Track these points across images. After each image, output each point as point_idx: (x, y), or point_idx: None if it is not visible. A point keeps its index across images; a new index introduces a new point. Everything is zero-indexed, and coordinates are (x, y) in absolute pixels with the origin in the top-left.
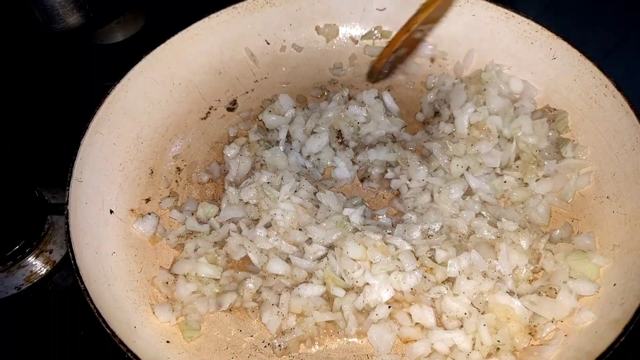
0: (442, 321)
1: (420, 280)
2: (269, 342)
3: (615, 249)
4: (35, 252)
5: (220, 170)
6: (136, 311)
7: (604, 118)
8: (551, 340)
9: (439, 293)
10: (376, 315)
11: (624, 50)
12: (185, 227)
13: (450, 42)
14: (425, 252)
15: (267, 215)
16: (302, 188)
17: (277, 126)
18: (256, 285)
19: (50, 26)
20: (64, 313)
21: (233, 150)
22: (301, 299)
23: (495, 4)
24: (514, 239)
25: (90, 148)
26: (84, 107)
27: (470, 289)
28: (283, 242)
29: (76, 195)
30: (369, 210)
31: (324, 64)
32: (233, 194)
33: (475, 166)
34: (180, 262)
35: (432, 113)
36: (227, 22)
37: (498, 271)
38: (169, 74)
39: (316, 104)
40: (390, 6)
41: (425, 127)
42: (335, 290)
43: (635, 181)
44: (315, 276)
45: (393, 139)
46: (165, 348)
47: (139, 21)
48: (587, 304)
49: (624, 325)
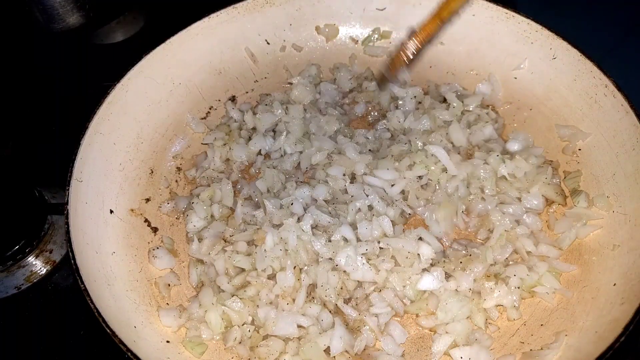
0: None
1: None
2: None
3: (615, 249)
4: (35, 252)
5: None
6: (136, 311)
7: (604, 118)
8: (552, 343)
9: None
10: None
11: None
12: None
13: (450, 42)
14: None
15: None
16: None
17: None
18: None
19: (50, 26)
20: (64, 313)
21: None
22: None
23: (495, 4)
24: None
25: (90, 148)
26: (84, 107)
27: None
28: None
29: (76, 195)
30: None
31: (324, 63)
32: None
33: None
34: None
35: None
36: (227, 22)
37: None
38: (169, 74)
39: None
40: (390, 6)
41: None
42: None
43: (635, 181)
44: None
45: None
46: (165, 348)
47: (139, 21)
48: (587, 304)
49: (624, 325)
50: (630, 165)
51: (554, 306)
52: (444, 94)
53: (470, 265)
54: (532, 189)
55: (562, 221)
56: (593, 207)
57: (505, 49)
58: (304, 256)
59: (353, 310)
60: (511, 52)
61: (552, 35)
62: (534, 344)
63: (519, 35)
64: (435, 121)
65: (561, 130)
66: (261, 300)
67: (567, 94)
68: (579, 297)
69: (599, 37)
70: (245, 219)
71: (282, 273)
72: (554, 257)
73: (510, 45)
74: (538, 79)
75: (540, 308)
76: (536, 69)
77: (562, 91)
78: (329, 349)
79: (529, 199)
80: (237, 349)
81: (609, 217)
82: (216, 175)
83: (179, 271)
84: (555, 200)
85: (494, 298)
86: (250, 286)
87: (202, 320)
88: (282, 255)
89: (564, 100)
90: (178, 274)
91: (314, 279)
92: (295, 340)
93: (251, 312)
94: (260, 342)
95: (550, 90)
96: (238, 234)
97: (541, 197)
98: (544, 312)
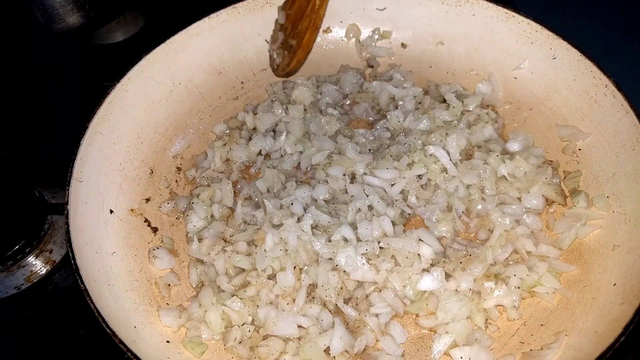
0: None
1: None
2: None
3: (615, 249)
4: (35, 252)
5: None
6: (136, 311)
7: (604, 118)
8: (552, 343)
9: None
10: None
11: (624, 50)
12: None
13: (450, 42)
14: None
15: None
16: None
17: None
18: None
19: (50, 26)
20: (64, 313)
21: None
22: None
23: (495, 4)
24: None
25: (90, 148)
26: (83, 107)
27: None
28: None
29: (76, 195)
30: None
31: (324, 63)
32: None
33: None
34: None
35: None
36: (227, 22)
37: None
38: (169, 74)
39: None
40: (390, 6)
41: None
42: None
43: (635, 181)
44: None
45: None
46: (165, 348)
47: (139, 21)
48: (587, 304)
49: (624, 325)
50: (630, 165)
51: (554, 306)
52: (443, 94)
53: (470, 265)
54: (532, 189)
55: (561, 221)
56: (593, 207)
57: (505, 49)
58: (304, 256)
59: (353, 310)
60: (511, 52)
61: (552, 35)
62: (534, 344)
63: (519, 35)
64: (435, 121)
65: (561, 130)
66: (261, 300)
67: (567, 94)
68: (579, 297)
69: (599, 37)
70: (245, 219)
71: (282, 273)
72: (554, 257)
73: (510, 45)
74: (538, 79)
75: (540, 308)
76: (536, 69)
77: (562, 91)
78: (329, 349)
79: (529, 199)
80: (237, 349)
81: (608, 217)
82: (216, 175)
83: (179, 271)
84: (555, 200)
85: (494, 298)
86: (250, 286)
87: (202, 320)
88: (282, 255)
89: (564, 100)
90: (178, 274)
91: (314, 279)
92: (295, 340)
93: (251, 312)
94: (260, 342)
95: (550, 90)
96: (238, 234)
97: (541, 197)
98: (544, 312)
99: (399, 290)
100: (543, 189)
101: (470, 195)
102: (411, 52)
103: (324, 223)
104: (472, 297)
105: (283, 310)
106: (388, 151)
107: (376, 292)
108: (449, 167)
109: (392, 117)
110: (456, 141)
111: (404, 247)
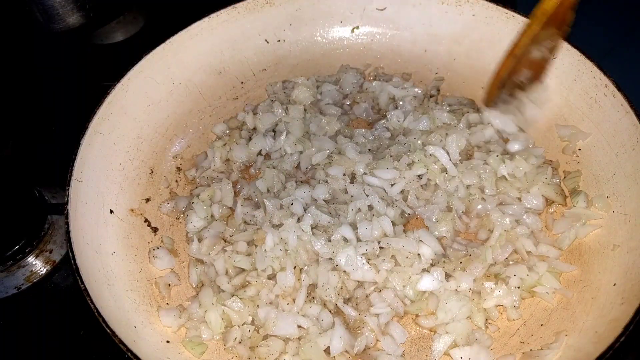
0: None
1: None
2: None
3: (615, 249)
4: (35, 252)
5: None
6: (136, 311)
7: (604, 118)
8: (552, 343)
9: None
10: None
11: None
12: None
13: (450, 42)
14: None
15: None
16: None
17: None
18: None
19: (50, 26)
20: (64, 313)
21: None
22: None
23: (495, 4)
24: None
25: (90, 148)
26: (84, 107)
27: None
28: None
29: (76, 195)
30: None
31: (324, 63)
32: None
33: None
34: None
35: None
36: (227, 22)
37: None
38: (169, 74)
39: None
40: (390, 6)
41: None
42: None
43: (635, 181)
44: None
45: None
46: (165, 348)
47: (139, 21)
48: (587, 304)
49: (624, 325)
50: (630, 165)
51: (554, 306)
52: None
53: (470, 265)
54: (532, 189)
55: (561, 221)
56: (592, 207)
57: (505, 49)
58: (304, 256)
59: (353, 310)
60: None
61: None
62: (534, 344)
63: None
64: (434, 121)
65: (561, 130)
66: (261, 300)
67: (567, 94)
68: (579, 297)
69: (599, 37)
70: (245, 219)
71: (282, 273)
72: (554, 257)
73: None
74: None
75: (540, 308)
76: None
77: (562, 91)
78: (329, 349)
79: (529, 199)
80: (237, 349)
81: (608, 217)
82: (216, 175)
83: (179, 271)
84: (555, 200)
85: (494, 298)
86: (250, 286)
87: (202, 320)
88: (282, 255)
89: (564, 100)
90: (178, 274)
91: (314, 279)
92: (295, 340)
93: (251, 312)
94: (260, 342)
95: (550, 90)
96: (238, 234)
97: (541, 197)
98: (544, 312)
99: (399, 290)
100: (543, 189)
101: (470, 195)
102: (411, 52)
103: (324, 223)
104: (472, 297)
105: (283, 310)
106: (388, 151)
107: (376, 292)
108: (449, 167)
109: (392, 117)
110: (456, 141)
111: (404, 247)
